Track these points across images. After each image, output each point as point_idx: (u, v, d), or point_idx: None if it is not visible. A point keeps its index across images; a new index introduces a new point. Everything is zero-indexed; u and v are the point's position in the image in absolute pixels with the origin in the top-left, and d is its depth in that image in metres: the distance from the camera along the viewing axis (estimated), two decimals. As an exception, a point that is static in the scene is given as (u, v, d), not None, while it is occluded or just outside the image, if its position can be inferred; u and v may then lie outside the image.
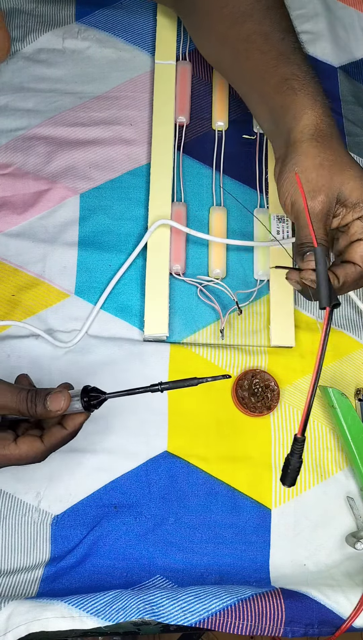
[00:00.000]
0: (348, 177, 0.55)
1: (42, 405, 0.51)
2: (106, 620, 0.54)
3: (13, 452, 0.51)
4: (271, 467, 0.65)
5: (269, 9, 0.62)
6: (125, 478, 0.63)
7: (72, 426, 0.52)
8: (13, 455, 0.51)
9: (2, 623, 0.54)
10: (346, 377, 0.69)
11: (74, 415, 0.53)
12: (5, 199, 0.72)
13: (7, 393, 0.51)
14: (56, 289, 0.69)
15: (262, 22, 0.62)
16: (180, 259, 0.71)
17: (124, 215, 0.72)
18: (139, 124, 0.77)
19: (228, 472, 0.64)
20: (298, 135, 0.56)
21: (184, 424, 0.65)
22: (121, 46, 0.80)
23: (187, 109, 0.77)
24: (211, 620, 0.55)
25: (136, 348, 0.67)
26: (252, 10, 0.62)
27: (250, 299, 0.70)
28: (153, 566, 0.61)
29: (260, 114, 0.63)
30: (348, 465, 0.66)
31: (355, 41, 0.87)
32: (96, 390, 0.52)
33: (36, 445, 0.52)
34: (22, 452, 0.51)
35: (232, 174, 0.76)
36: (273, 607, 0.56)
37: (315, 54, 0.84)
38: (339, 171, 0.55)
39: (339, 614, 0.58)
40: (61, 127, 0.75)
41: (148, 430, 0.65)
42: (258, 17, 0.62)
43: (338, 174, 0.55)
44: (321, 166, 0.54)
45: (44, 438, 0.52)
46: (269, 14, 0.62)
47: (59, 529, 0.61)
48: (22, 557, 0.60)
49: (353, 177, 0.55)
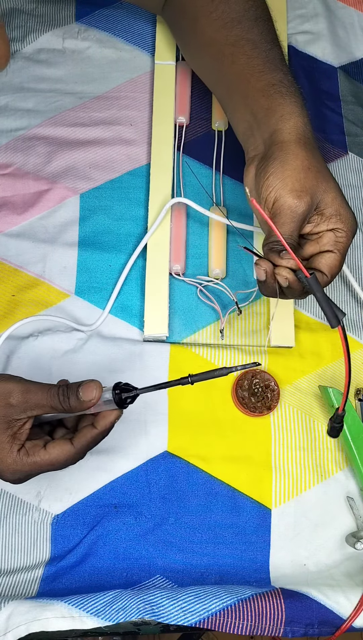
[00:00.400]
0: (330, 188, 0.55)
1: (75, 396, 0.50)
2: (106, 620, 0.54)
3: (43, 458, 0.50)
4: (271, 467, 0.65)
5: (257, 19, 0.63)
6: (125, 478, 0.63)
7: (103, 425, 0.52)
8: (44, 461, 0.50)
9: (2, 623, 0.54)
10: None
11: (105, 414, 0.52)
12: (6, 199, 0.72)
13: (38, 391, 0.51)
14: (56, 289, 0.69)
15: (251, 30, 0.62)
16: (180, 259, 0.71)
17: (124, 216, 0.72)
18: (139, 124, 0.77)
19: (228, 472, 0.64)
20: (285, 136, 0.56)
21: (184, 424, 0.65)
22: (121, 46, 0.80)
23: (187, 109, 0.77)
24: (211, 620, 0.55)
25: (136, 348, 0.67)
26: (241, 18, 0.62)
27: (250, 299, 0.70)
28: (152, 566, 0.61)
29: (238, 115, 0.63)
30: (348, 465, 0.66)
31: (355, 41, 0.87)
32: (128, 386, 0.52)
33: (66, 449, 0.51)
34: (52, 457, 0.51)
35: (232, 174, 0.76)
36: (273, 607, 0.56)
37: (315, 54, 0.84)
38: (324, 179, 0.55)
39: (339, 614, 0.58)
40: (61, 127, 0.75)
41: (148, 430, 0.65)
42: (247, 25, 0.62)
43: (324, 182, 0.55)
44: (309, 169, 0.55)
45: (74, 440, 0.51)
46: (257, 24, 0.62)
47: (59, 529, 0.61)
48: (22, 557, 0.60)
49: (334, 189, 0.56)
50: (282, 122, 0.56)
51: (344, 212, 0.56)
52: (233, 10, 0.63)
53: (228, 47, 0.62)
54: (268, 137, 0.57)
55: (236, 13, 0.63)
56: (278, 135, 0.56)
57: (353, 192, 0.77)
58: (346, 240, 0.56)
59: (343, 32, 0.87)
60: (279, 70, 0.59)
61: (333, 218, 0.55)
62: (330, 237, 0.56)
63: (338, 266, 0.56)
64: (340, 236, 0.56)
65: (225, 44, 0.62)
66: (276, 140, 0.56)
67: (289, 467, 0.65)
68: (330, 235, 0.56)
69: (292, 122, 0.56)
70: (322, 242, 0.56)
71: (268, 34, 0.62)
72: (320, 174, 0.55)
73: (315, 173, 0.55)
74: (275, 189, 0.55)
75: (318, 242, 0.57)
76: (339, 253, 0.56)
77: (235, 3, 0.63)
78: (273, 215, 0.55)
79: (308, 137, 0.56)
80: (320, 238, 0.56)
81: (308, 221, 0.56)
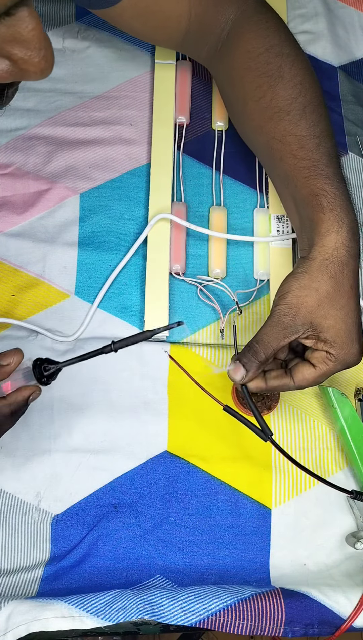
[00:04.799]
0: (331, 315, 0.55)
1: None
2: (106, 620, 0.54)
3: None
4: (271, 467, 0.65)
5: (306, 108, 0.61)
6: (125, 478, 0.63)
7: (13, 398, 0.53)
8: None
9: (2, 623, 0.54)
10: (346, 377, 0.69)
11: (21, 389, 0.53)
12: (5, 199, 0.72)
13: None
14: (56, 289, 0.69)
15: (298, 123, 0.61)
16: (180, 258, 0.71)
17: (124, 215, 0.72)
18: (139, 124, 0.77)
19: (228, 472, 0.64)
20: (315, 253, 0.56)
21: (184, 424, 0.65)
22: (121, 46, 0.80)
23: (187, 109, 0.77)
24: (211, 620, 0.55)
25: (136, 348, 0.67)
26: (289, 108, 0.61)
27: (250, 298, 0.70)
28: (152, 566, 0.61)
29: (289, 211, 0.64)
30: (348, 465, 0.66)
31: (355, 41, 0.87)
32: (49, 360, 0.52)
33: None
34: None
35: (232, 174, 0.76)
36: (273, 607, 0.56)
37: (315, 54, 0.84)
38: (329, 305, 0.55)
39: (339, 613, 0.58)
40: (61, 127, 0.75)
41: (148, 430, 0.65)
42: (295, 117, 0.61)
43: (326, 308, 0.55)
44: (316, 291, 0.55)
45: None
46: (305, 115, 0.61)
47: (59, 529, 0.61)
48: (22, 557, 0.60)
49: (335, 317, 0.55)
50: (317, 238, 0.57)
51: (340, 342, 0.55)
52: (281, 98, 0.62)
53: (275, 142, 0.62)
54: (307, 248, 0.58)
55: (284, 101, 0.61)
56: (311, 250, 0.57)
57: (353, 192, 0.77)
58: (333, 367, 0.56)
59: (343, 32, 0.87)
60: (323, 176, 0.58)
61: (327, 344, 0.55)
62: (320, 355, 0.56)
63: (310, 382, 0.57)
64: (330, 361, 0.56)
65: (273, 138, 0.62)
66: (308, 256, 0.57)
67: (289, 467, 0.65)
68: (322, 354, 0.56)
69: (326, 241, 0.56)
70: (312, 355, 0.57)
71: (316, 126, 0.61)
72: (326, 299, 0.55)
73: (318, 297, 0.55)
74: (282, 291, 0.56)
75: (312, 353, 0.57)
76: (319, 371, 0.56)
77: (283, 89, 0.62)
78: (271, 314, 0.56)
79: (338, 255, 0.56)
80: (314, 351, 0.57)
81: (306, 337, 0.56)
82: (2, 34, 0.32)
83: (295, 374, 0.57)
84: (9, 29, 0.32)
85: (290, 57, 0.63)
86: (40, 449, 0.63)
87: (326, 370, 0.56)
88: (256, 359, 0.55)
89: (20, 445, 0.63)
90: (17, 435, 0.63)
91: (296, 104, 0.61)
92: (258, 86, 0.63)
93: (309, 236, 0.58)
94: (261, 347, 0.55)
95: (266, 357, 0.56)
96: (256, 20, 0.65)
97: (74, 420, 0.64)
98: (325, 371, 0.56)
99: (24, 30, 0.33)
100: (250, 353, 0.56)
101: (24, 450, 0.63)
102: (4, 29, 0.32)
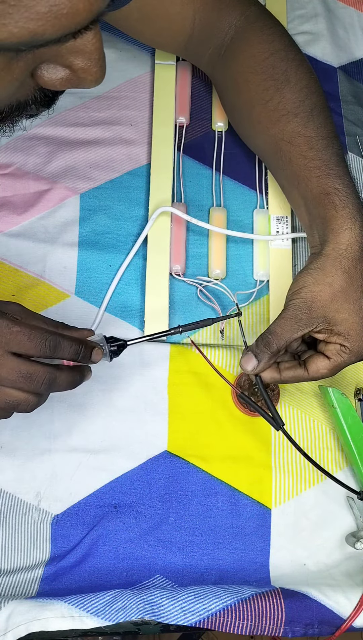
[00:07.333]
0: (345, 309, 0.56)
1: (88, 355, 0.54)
2: (106, 620, 0.54)
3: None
4: (271, 467, 0.65)
5: (313, 110, 0.62)
6: (125, 478, 0.63)
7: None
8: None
9: (2, 623, 0.54)
10: (346, 377, 0.69)
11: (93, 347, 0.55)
12: (6, 199, 0.72)
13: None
14: (56, 289, 0.69)
15: (307, 125, 0.62)
16: (180, 259, 0.71)
17: (124, 215, 0.72)
18: (139, 124, 0.77)
19: (228, 472, 0.64)
20: (328, 250, 0.57)
21: (184, 424, 0.65)
22: (121, 46, 0.80)
23: (187, 110, 0.77)
24: (211, 620, 0.55)
25: (136, 348, 0.67)
26: (297, 110, 0.62)
27: (250, 299, 0.70)
28: (152, 566, 0.61)
29: (298, 212, 0.64)
30: (348, 465, 0.66)
31: (355, 41, 0.87)
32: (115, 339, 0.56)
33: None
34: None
35: (232, 175, 0.76)
36: (273, 606, 0.56)
37: (315, 54, 0.84)
38: (342, 299, 0.56)
39: (339, 613, 0.58)
40: (61, 127, 0.75)
41: (148, 430, 0.65)
42: (303, 119, 0.62)
43: (340, 302, 0.56)
44: (330, 285, 0.56)
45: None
46: (313, 117, 0.62)
47: (59, 529, 0.61)
48: (22, 557, 0.60)
49: (349, 311, 0.56)
50: (331, 235, 0.58)
51: (354, 335, 0.57)
52: (289, 101, 0.62)
53: (284, 143, 0.62)
54: (319, 245, 0.59)
55: (291, 104, 0.62)
56: (325, 247, 0.58)
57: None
58: (347, 358, 0.57)
59: (343, 32, 0.87)
60: (334, 174, 0.59)
61: (341, 337, 0.57)
62: (335, 348, 0.57)
63: (324, 374, 0.58)
64: (344, 352, 0.57)
65: (282, 140, 0.63)
66: (321, 252, 0.58)
67: (289, 467, 0.65)
68: (336, 347, 0.57)
69: (339, 237, 0.57)
70: (326, 348, 0.58)
71: (324, 128, 0.62)
72: (339, 293, 0.56)
73: (332, 291, 0.56)
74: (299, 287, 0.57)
75: (324, 344, 0.58)
76: (334, 363, 0.57)
77: (290, 92, 0.63)
78: (285, 307, 0.58)
79: (352, 251, 0.57)
80: (326, 345, 0.58)
81: (319, 330, 0.57)
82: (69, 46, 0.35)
83: (309, 366, 0.58)
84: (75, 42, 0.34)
85: (295, 61, 0.64)
86: (40, 448, 0.63)
87: (340, 362, 0.57)
88: (268, 350, 0.57)
89: (20, 445, 0.63)
90: (17, 435, 0.63)
91: (303, 106, 0.62)
92: (265, 89, 0.63)
93: (321, 234, 0.59)
94: (274, 338, 0.57)
95: (279, 348, 0.57)
96: (260, 26, 0.66)
97: (74, 420, 0.64)
98: (340, 363, 0.57)
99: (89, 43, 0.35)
100: (263, 344, 0.57)
101: (24, 450, 0.63)
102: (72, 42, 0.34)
